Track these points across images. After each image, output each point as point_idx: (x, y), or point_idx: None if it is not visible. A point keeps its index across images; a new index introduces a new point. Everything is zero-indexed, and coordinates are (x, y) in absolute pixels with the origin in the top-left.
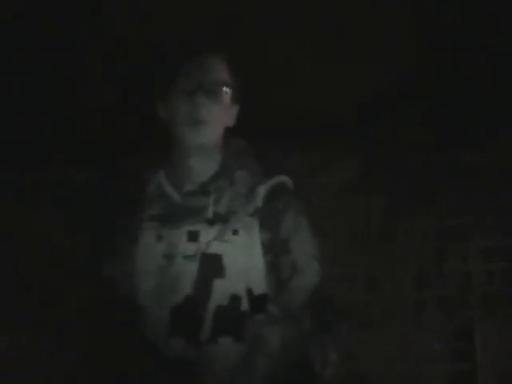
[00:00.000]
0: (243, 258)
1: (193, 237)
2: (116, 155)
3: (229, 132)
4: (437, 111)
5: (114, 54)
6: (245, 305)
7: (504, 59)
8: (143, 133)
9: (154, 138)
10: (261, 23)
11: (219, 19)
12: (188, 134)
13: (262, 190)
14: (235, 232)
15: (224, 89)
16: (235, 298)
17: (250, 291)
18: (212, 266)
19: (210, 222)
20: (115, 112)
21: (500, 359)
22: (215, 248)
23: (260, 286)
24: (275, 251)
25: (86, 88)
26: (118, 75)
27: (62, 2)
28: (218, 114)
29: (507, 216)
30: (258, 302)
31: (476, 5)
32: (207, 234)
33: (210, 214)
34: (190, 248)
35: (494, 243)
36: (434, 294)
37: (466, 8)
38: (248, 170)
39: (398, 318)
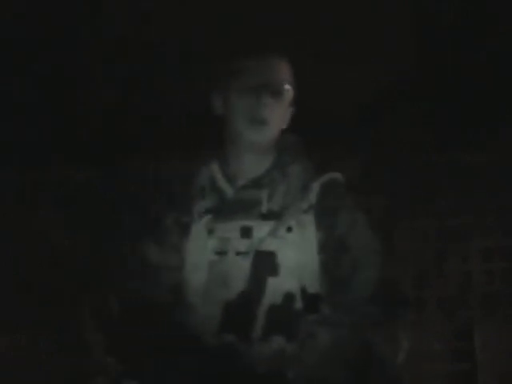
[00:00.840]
0: (296, 256)
1: (246, 232)
2: (116, 155)
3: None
4: (437, 111)
5: (113, 54)
6: (298, 304)
7: (504, 59)
8: (143, 133)
9: (154, 138)
10: (261, 23)
11: (219, 19)
12: (247, 131)
13: (315, 187)
14: (289, 229)
15: (288, 89)
16: (289, 297)
17: (303, 290)
18: (266, 263)
19: (264, 217)
20: (115, 112)
21: (500, 359)
22: (269, 245)
23: (314, 284)
24: (332, 249)
25: (86, 88)
26: (118, 75)
27: (62, 1)
28: (279, 114)
29: (507, 216)
30: (311, 301)
31: (476, 5)
32: (260, 229)
33: (264, 208)
34: (243, 244)
35: (494, 243)
36: (434, 294)
37: (465, 8)
38: (302, 165)
39: None
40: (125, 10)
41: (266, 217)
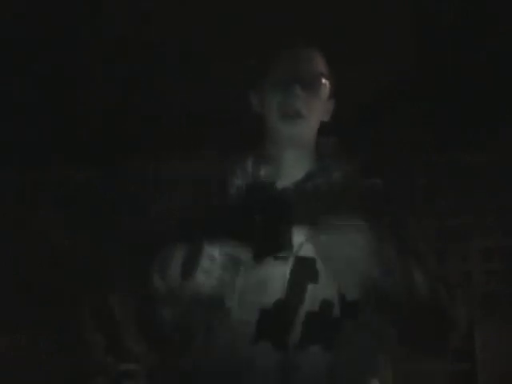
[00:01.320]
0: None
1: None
2: (116, 155)
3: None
4: (437, 111)
5: (114, 54)
6: (336, 311)
7: (504, 59)
8: (143, 133)
9: (154, 138)
10: (261, 23)
11: (219, 19)
12: (282, 126)
13: (356, 193)
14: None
15: (322, 81)
16: (327, 304)
17: (342, 297)
18: (306, 269)
19: (308, 224)
20: (115, 112)
21: (500, 359)
22: (308, 251)
23: (353, 292)
24: (371, 257)
25: (86, 88)
26: (118, 75)
27: (62, 1)
28: (314, 108)
29: (507, 216)
30: (350, 309)
31: (476, 5)
32: (300, 234)
33: (305, 213)
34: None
35: (494, 243)
36: None
37: (465, 8)
38: (344, 171)
39: None
40: (125, 10)
41: (308, 222)
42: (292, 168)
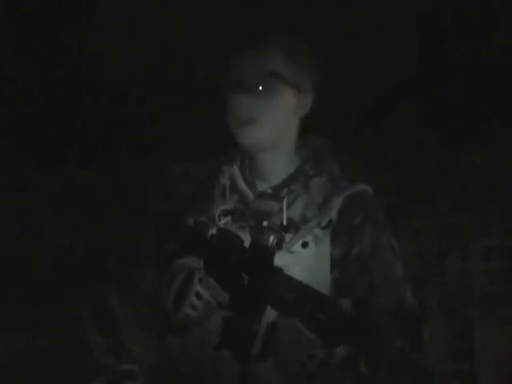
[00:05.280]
0: (307, 272)
1: None
2: (116, 155)
3: (305, 126)
4: (437, 111)
5: (114, 54)
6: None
7: (504, 59)
8: (143, 133)
9: (154, 138)
10: (260, 23)
11: (220, 19)
12: (237, 134)
13: (338, 201)
14: (305, 244)
15: (272, 80)
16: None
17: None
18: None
19: (283, 230)
20: (115, 112)
21: (500, 359)
22: (280, 259)
23: None
24: (349, 269)
25: (87, 88)
26: (118, 75)
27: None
28: (268, 110)
29: (507, 216)
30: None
31: (476, 5)
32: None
33: (284, 220)
34: None
35: (494, 243)
36: (434, 294)
37: (466, 8)
38: (326, 176)
39: None
40: (125, 10)
41: (286, 229)
42: (272, 173)
